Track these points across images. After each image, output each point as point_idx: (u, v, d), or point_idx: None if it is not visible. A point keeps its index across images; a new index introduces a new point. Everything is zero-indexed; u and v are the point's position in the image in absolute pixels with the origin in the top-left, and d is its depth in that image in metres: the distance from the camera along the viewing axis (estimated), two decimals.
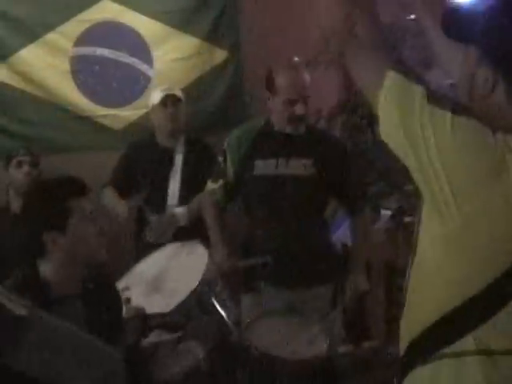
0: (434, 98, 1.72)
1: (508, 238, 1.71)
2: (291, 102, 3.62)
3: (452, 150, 1.67)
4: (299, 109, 3.62)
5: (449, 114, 1.68)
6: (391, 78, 1.76)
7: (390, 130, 1.77)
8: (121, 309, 3.01)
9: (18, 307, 1.55)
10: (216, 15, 5.74)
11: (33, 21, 5.35)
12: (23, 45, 5.35)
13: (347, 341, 4.34)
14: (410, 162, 1.75)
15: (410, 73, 1.80)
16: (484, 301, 1.75)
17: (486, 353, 1.78)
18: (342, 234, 4.82)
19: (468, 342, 1.78)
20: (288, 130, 3.71)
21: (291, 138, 3.72)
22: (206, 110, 5.76)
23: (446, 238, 1.75)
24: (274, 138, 3.74)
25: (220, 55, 5.79)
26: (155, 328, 3.32)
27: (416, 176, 1.76)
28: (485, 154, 1.67)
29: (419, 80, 1.79)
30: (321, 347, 3.24)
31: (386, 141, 1.81)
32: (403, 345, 2.00)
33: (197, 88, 5.70)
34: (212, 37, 5.74)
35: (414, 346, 1.93)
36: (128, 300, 3.40)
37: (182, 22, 5.65)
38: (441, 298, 1.83)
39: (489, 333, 1.77)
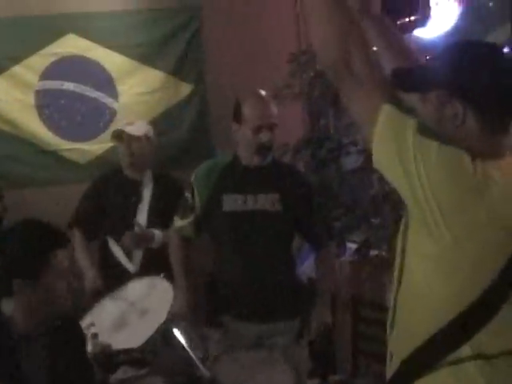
0: (423, 129, 1.87)
1: (494, 251, 1.86)
2: (258, 129, 3.63)
3: (438, 176, 1.82)
4: (265, 136, 3.64)
5: (435, 144, 1.83)
6: (387, 110, 1.89)
7: (385, 158, 1.92)
8: (84, 345, 2.96)
9: None
10: (181, 49, 5.76)
11: None
12: None
13: (314, 374, 4.34)
14: (402, 187, 1.90)
15: (401, 105, 1.94)
16: (477, 311, 1.87)
17: (483, 357, 1.87)
18: (307, 267, 4.83)
19: (465, 350, 1.87)
20: (255, 161, 3.71)
21: (258, 173, 3.72)
22: (172, 144, 5.73)
23: (437, 257, 1.87)
24: (242, 172, 3.74)
25: (185, 89, 5.80)
26: (122, 364, 3.30)
27: (408, 201, 1.90)
28: (467, 178, 1.83)
29: (409, 111, 1.94)
30: (287, 381, 3.24)
31: (379, 168, 1.97)
32: (394, 362, 2.06)
33: (163, 122, 5.70)
34: (177, 70, 5.76)
35: (408, 362, 1.99)
36: (95, 335, 3.38)
37: (147, 56, 5.68)
38: (435, 313, 1.92)
39: (482, 339, 1.87)
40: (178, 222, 3.90)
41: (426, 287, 1.92)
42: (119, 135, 4.80)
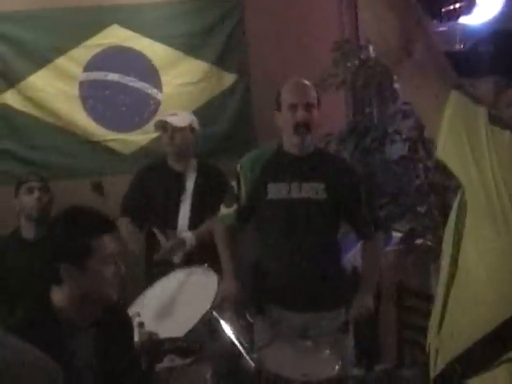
0: (495, 118, 1.82)
1: None
2: (293, 108, 3.67)
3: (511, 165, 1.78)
4: (301, 114, 3.66)
5: (507, 133, 1.79)
6: (456, 97, 1.83)
7: (454, 148, 1.84)
8: (133, 335, 2.98)
9: None
10: (224, 39, 5.75)
11: (42, 46, 5.44)
12: (33, 70, 5.43)
13: (359, 364, 4.32)
14: (470, 179, 1.82)
15: (468, 93, 1.88)
16: None
17: None
18: (352, 256, 4.82)
19: None
20: (295, 141, 3.72)
21: (303, 161, 3.73)
22: (216, 134, 5.74)
23: (501, 251, 1.83)
24: (286, 161, 3.75)
25: (228, 79, 5.80)
26: (168, 353, 3.31)
27: (474, 193, 1.83)
28: None
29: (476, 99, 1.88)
30: (332, 370, 3.23)
31: (443, 158, 1.89)
32: (442, 360, 2.04)
33: (206, 112, 5.69)
34: (220, 61, 5.76)
35: (461, 360, 1.96)
36: (141, 324, 3.40)
37: (190, 47, 5.68)
38: (496, 308, 1.88)
39: None
40: (223, 210, 3.92)
41: (487, 281, 1.88)
42: (163, 126, 4.82)
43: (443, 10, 4.34)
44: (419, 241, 4.73)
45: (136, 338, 3.20)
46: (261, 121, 5.50)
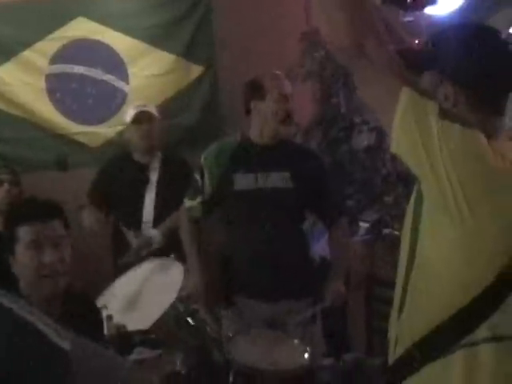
0: (445, 112, 1.89)
1: None
2: (284, 98, 3.71)
3: (463, 159, 1.84)
4: (289, 104, 3.72)
5: (457, 127, 1.85)
6: (407, 94, 1.90)
7: (407, 142, 1.90)
8: (102, 328, 2.98)
9: (62, 340, 1.52)
10: (191, 31, 5.73)
11: (7, 39, 5.39)
12: None
13: (329, 354, 4.34)
14: (424, 172, 1.89)
15: (418, 88, 1.95)
16: (494, 290, 1.88)
17: (498, 339, 1.89)
18: (320, 247, 4.83)
19: (481, 331, 1.89)
20: (279, 131, 3.75)
21: (269, 151, 3.74)
22: (183, 126, 5.75)
23: (458, 241, 1.87)
24: (252, 151, 3.76)
25: (196, 70, 5.78)
26: (137, 345, 3.31)
27: (428, 185, 1.89)
28: (489, 161, 1.85)
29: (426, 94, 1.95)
30: (302, 359, 3.24)
31: (397, 153, 1.96)
32: (401, 346, 2.07)
33: (173, 104, 5.71)
34: (188, 52, 5.73)
35: (420, 346, 1.99)
36: (110, 317, 3.40)
37: (157, 39, 5.65)
38: (453, 295, 1.93)
39: (497, 321, 1.89)
40: (187, 203, 3.91)
41: (444, 270, 1.92)
42: (137, 117, 4.81)
43: (409, 0, 4.37)
44: (387, 230, 4.77)
45: (105, 331, 3.20)
46: (229, 112, 5.50)
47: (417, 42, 2.38)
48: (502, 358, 1.89)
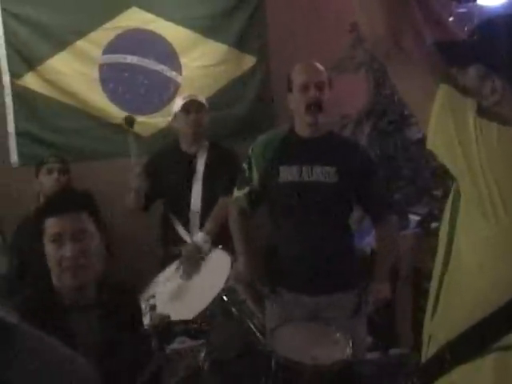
0: (483, 110, 1.86)
1: None
2: (305, 88, 3.68)
3: (500, 158, 1.82)
4: (312, 93, 3.66)
5: (495, 125, 1.83)
6: (445, 90, 1.88)
7: (443, 140, 1.89)
8: (139, 317, 3.00)
9: (9, 315, 1.56)
10: (244, 21, 5.73)
11: (62, 28, 5.42)
12: (53, 52, 5.42)
13: (375, 348, 4.32)
14: (460, 170, 1.86)
15: (457, 85, 1.93)
16: None
17: None
18: (372, 239, 4.80)
19: None
20: (308, 122, 3.71)
21: (315, 144, 3.71)
22: (235, 117, 5.75)
23: (492, 241, 1.85)
24: (297, 143, 3.74)
25: (248, 61, 5.78)
26: (179, 335, 3.34)
27: (464, 182, 1.87)
28: None
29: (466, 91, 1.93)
30: (343, 354, 3.23)
31: (433, 150, 1.93)
32: (434, 346, 2.05)
33: (225, 95, 5.72)
34: (240, 43, 5.73)
35: (453, 346, 1.97)
36: (153, 307, 3.43)
37: (210, 29, 5.65)
38: (487, 296, 1.90)
39: None
40: (236, 193, 3.92)
41: (478, 270, 1.90)
42: (186, 107, 4.83)
43: None
44: (435, 224, 4.71)
45: (148, 321, 3.23)
46: (280, 103, 5.47)
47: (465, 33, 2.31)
48: None
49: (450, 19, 3.87)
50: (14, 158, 5.47)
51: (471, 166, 1.81)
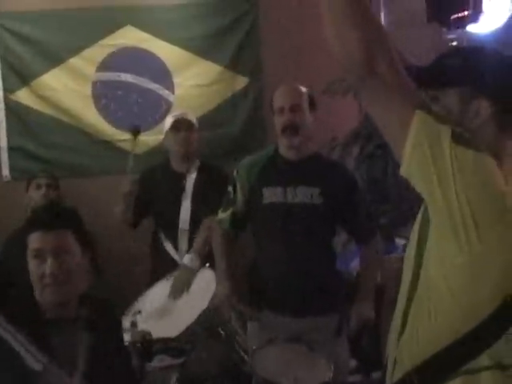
0: (458, 137, 1.85)
1: None
2: (281, 111, 3.74)
3: (475, 184, 1.81)
4: (287, 115, 3.71)
5: (471, 152, 1.82)
6: (420, 117, 1.87)
7: (418, 166, 1.87)
8: (120, 333, 3.01)
9: (35, 361, 1.57)
10: (237, 42, 5.76)
11: (56, 45, 5.49)
12: (46, 69, 5.48)
13: (359, 371, 4.31)
14: (434, 196, 1.85)
15: (431, 111, 1.92)
16: (498, 318, 1.85)
17: (501, 367, 1.86)
18: (357, 264, 4.81)
19: (483, 359, 1.86)
20: (284, 144, 3.76)
21: (299, 166, 3.74)
22: (226, 137, 5.77)
23: (464, 267, 1.84)
24: (281, 165, 3.77)
25: (241, 82, 5.81)
26: (159, 353, 3.34)
27: (438, 210, 1.86)
28: (501, 188, 1.82)
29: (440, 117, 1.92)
30: (324, 376, 3.22)
31: (407, 176, 1.91)
32: (400, 370, 2.04)
33: (217, 114, 5.75)
34: (233, 63, 5.76)
35: (421, 370, 1.97)
36: (134, 324, 3.43)
37: (203, 49, 5.69)
38: (456, 322, 1.90)
39: (501, 349, 1.85)
40: (220, 215, 3.94)
41: (448, 295, 1.89)
42: (176, 125, 4.85)
43: (452, 17, 4.35)
44: None
45: (129, 337, 3.24)
46: (272, 124, 5.49)
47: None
48: None
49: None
50: (6, 172, 5.54)
51: (446, 192, 1.81)
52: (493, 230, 1.81)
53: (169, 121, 4.92)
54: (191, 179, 4.85)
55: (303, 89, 3.83)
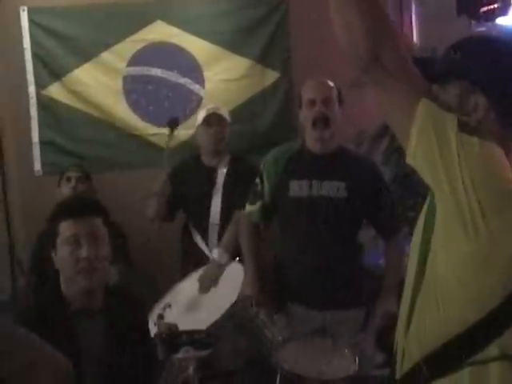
0: (464, 125, 1.86)
1: None
2: (312, 103, 3.74)
3: (481, 173, 1.81)
4: (319, 107, 3.71)
5: (476, 140, 1.83)
6: (426, 105, 1.88)
7: (424, 155, 1.88)
8: (145, 325, 3.04)
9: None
10: (268, 37, 5.76)
11: (88, 40, 5.53)
12: (78, 64, 5.53)
13: (386, 365, 4.29)
14: (440, 184, 1.86)
15: (437, 100, 1.94)
16: (507, 308, 1.84)
17: (508, 358, 1.86)
18: None
19: (492, 349, 1.86)
20: (315, 137, 3.76)
21: (325, 159, 3.74)
22: (257, 131, 5.78)
23: (472, 256, 1.84)
24: (308, 158, 3.77)
25: (271, 76, 5.80)
26: (185, 345, 3.35)
27: (444, 197, 1.86)
28: (507, 175, 1.83)
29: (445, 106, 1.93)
30: (349, 369, 3.22)
31: (413, 164, 1.94)
32: (409, 360, 2.04)
33: (247, 109, 5.75)
34: (263, 58, 5.76)
35: (429, 360, 1.97)
36: (160, 316, 3.45)
37: (233, 44, 5.70)
38: (465, 311, 1.90)
39: (510, 338, 1.85)
40: (248, 208, 3.95)
41: (455, 285, 1.89)
42: (207, 120, 4.88)
43: (481, 10, 4.32)
44: None
45: (155, 330, 3.26)
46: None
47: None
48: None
49: None
50: (38, 166, 5.58)
51: (452, 180, 1.81)
52: (500, 218, 1.80)
53: (201, 115, 4.94)
54: (222, 173, 4.86)
55: (331, 83, 3.83)
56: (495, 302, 1.83)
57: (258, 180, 3.90)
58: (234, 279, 4.21)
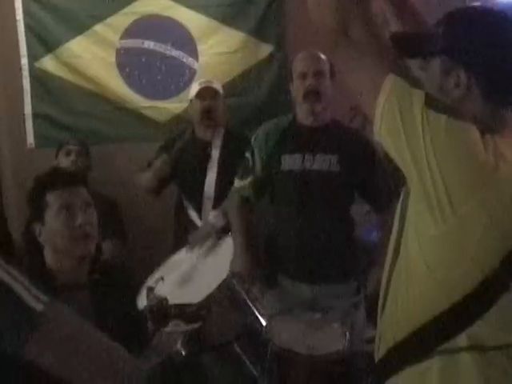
0: (432, 101, 1.77)
1: (499, 237, 1.75)
2: (303, 76, 3.72)
3: (447, 153, 1.72)
4: (310, 81, 3.70)
5: (444, 118, 1.73)
6: (392, 81, 1.80)
7: (388, 131, 1.80)
8: (132, 298, 3.03)
9: (35, 301, 1.58)
10: (262, 9, 5.70)
11: (81, 13, 5.47)
12: (71, 36, 5.48)
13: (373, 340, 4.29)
14: (405, 163, 1.78)
15: (408, 76, 1.85)
16: (477, 297, 1.78)
17: (479, 348, 1.81)
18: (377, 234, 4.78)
19: (461, 339, 1.82)
20: (305, 110, 3.76)
21: (317, 133, 3.72)
22: (251, 104, 5.74)
23: (439, 240, 1.78)
24: (300, 132, 3.75)
25: (265, 49, 5.76)
26: (174, 318, 3.35)
27: (410, 177, 1.79)
28: (476, 156, 1.72)
29: (415, 82, 1.84)
30: (340, 344, 3.23)
31: (381, 141, 1.85)
32: (384, 345, 2.02)
33: (241, 82, 5.71)
34: (258, 31, 5.71)
35: (399, 347, 1.94)
36: (151, 289, 3.45)
37: (228, 16, 5.65)
38: (433, 297, 1.85)
39: (481, 329, 1.80)
40: (238, 182, 3.93)
41: (425, 269, 1.84)
42: (202, 93, 4.85)
43: None
44: None
45: (145, 303, 3.26)
46: None
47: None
48: (483, 368, 1.82)
49: None
50: (31, 139, 5.55)
51: (417, 159, 1.73)
52: (468, 202, 1.72)
53: (194, 88, 4.91)
54: (217, 147, 4.83)
55: (323, 56, 3.80)
56: (464, 291, 1.78)
57: (248, 155, 3.87)
58: (227, 253, 4.21)
